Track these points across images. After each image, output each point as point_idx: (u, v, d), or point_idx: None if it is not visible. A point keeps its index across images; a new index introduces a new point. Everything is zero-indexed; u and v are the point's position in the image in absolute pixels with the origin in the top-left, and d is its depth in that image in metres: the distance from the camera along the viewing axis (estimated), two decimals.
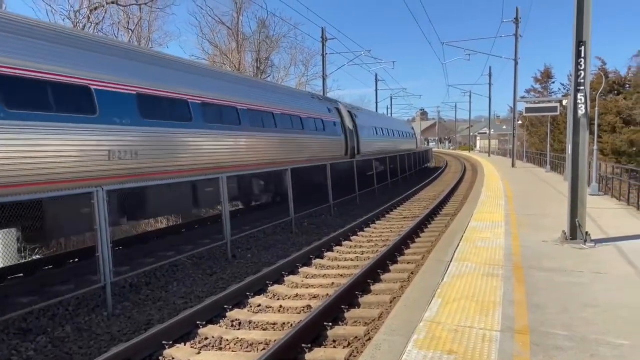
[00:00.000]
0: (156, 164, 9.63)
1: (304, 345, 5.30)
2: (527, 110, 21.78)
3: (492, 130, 65.47)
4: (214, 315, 6.44)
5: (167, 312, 6.86)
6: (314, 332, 5.67)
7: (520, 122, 41.81)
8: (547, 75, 45.25)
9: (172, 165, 10.13)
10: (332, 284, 7.80)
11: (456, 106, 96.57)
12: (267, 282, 7.86)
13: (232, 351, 5.49)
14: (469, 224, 10.07)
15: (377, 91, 54.62)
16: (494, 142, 68.50)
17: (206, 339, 5.78)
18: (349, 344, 5.46)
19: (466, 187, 22.87)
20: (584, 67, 8.03)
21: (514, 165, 31.32)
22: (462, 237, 8.80)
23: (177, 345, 5.62)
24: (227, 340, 5.69)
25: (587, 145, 8.39)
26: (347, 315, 6.33)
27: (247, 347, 5.52)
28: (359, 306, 6.76)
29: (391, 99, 69.29)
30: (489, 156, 52.90)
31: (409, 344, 4.27)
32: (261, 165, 13.30)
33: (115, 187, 7.86)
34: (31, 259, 10.25)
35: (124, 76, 9.26)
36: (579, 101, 8.13)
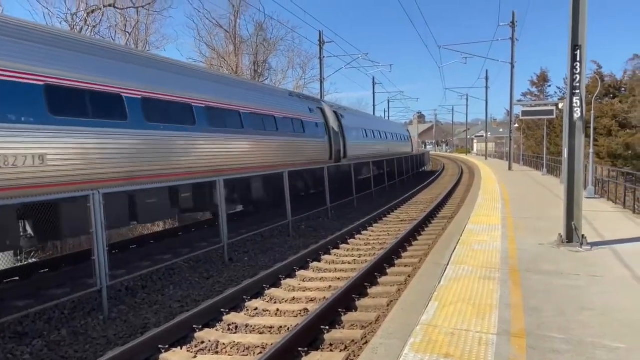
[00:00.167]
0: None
1: (300, 348, 5.29)
2: (524, 113, 21.84)
3: (489, 133, 65.70)
4: (211, 318, 6.43)
5: (164, 316, 6.84)
6: (310, 335, 5.67)
7: (516, 125, 41.96)
8: (543, 78, 45.49)
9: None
10: (329, 287, 7.79)
11: (453, 109, 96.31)
12: (264, 285, 7.86)
13: (229, 355, 5.48)
14: (465, 227, 10.09)
15: (374, 94, 54.78)
16: (491, 145, 68.71)
17: (202, 342, 5.77)
18: (346, 348, 5.46)
19: (463, 190, 22.93)
20: (579, 71, 8.08)
21: (510, 168, 31.41)
22: (459, 240, 8.81)
23: (174, 349, 5.60)
24: (224, 344, 5.68)
25: (583, 148, 8.43)
26: (344, 318, 6.32)
27: (243, 351, 5.51)
28: (356, 309, 6.75)
29: (388, 101, 69.34)
30: (486, 159, 53.06)
31: (405, 347, 4.27)
32: (224, 171, 11.45)
33: (113, 190, 7.86)
34: (27, 262, 10.22)
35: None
36: (575, 104, 8.18)
